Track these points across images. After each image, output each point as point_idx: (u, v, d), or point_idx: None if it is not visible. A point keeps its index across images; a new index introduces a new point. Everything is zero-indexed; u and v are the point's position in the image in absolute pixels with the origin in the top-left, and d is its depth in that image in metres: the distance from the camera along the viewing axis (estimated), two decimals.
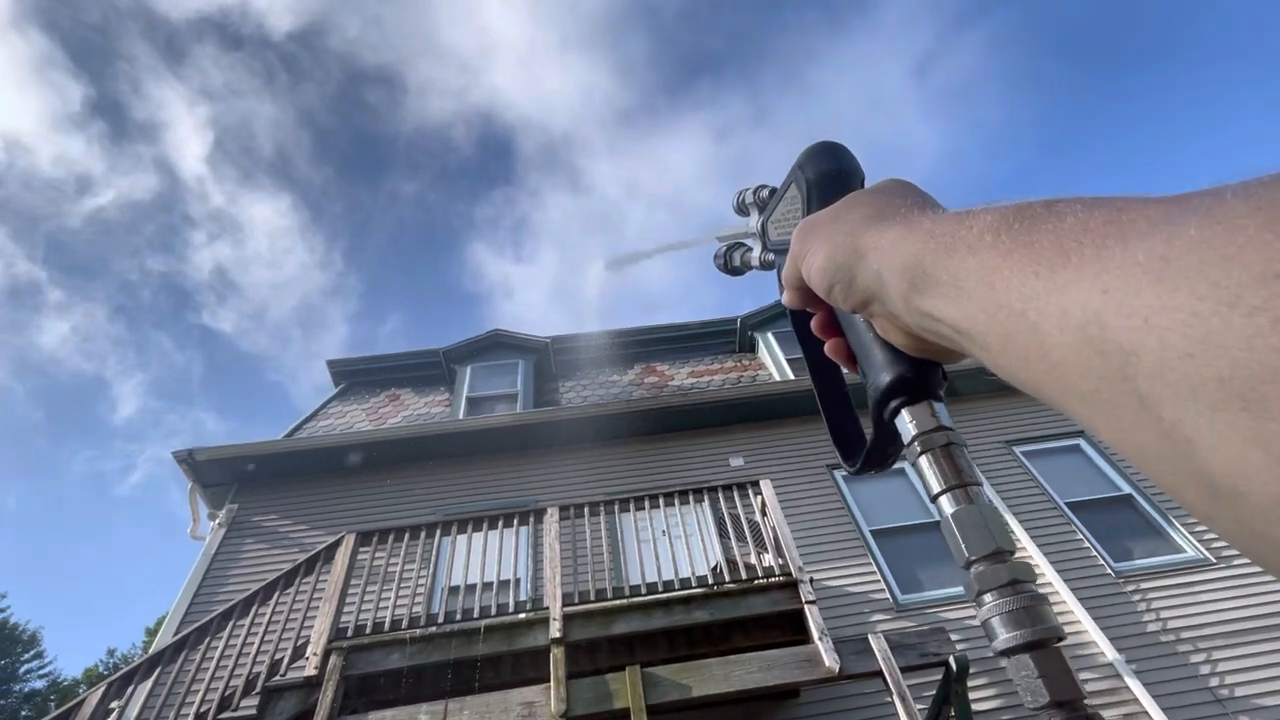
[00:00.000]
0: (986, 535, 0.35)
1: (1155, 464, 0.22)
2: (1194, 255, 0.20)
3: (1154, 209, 0.23)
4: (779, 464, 8.02)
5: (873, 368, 0.43)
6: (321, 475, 8.16)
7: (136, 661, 4.83)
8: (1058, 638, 0.32)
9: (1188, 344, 0.19)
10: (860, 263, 0.38)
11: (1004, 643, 0.32)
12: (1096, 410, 0.23)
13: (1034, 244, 0.26)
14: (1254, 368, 0.18)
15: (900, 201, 0.39)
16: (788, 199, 0.58)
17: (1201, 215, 0.20)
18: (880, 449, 0.46)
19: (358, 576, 5.54)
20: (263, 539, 7.60)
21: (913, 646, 4.85)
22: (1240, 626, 6.21)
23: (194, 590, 6.98)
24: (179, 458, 7.74)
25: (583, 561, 5.79)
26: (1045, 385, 0.26)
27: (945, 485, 0.38)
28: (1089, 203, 0.26)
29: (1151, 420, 0.21)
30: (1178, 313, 0.20)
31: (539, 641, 4.83)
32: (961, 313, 0.30)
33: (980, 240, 0.29)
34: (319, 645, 4.76)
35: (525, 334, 10.82)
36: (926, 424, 0.40)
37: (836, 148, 0.55)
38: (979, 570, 0.34)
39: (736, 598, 5.06)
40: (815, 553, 7.00)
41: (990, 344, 0.28)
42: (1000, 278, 0.27)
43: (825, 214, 0.44)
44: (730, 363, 10.85)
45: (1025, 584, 0.33)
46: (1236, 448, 0.18)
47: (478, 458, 8.35)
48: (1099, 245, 0.23)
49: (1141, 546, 7.02)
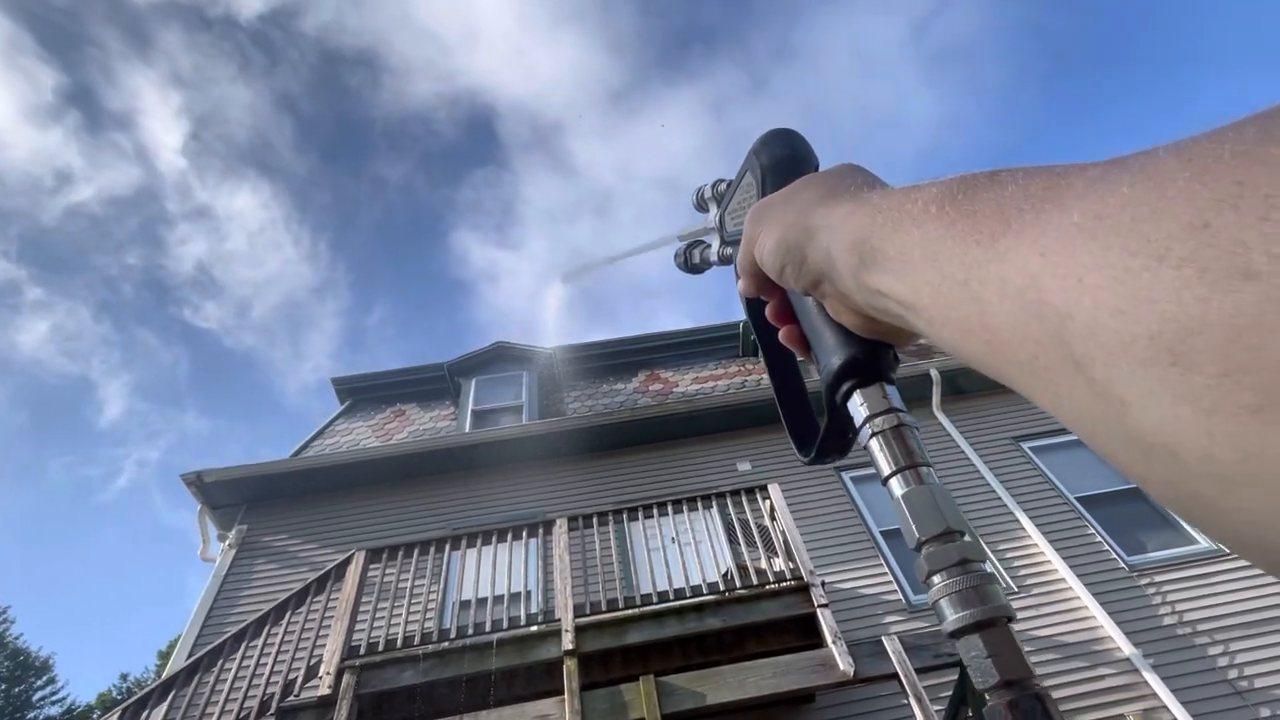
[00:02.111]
0: (937, 516, 0.34)
1: (1090, 428, 0.21)
2: (1127, 212, 0.20)
3: (1092, 171, 0.22)
4: (787, 468, 8.00)
5: (824, 351, 0.43)
6: (330, 493, 8.17)
7: (151, 686, 4.83)
8: (1007, 617, 0.32)
9: (1119, 300, 0.19)
10: (810, 241, 0.38)
11: (953, 623, 0.32)
12: (1034, 377, 0.23)
13: (976, 213, 0.26)
14: (1182, 320, 0.17)
15: (850, 181, 0.39)
16: (743, 188, 0.58)
17: (1135, 172, 0.20)
18: (834, 435, 0.46)
19: (369, 594, 5.54)
20: (273, 559, 7.61)
21: (927, 647, 4.82)
22: (1257, 617, 6.16)
23: (206, 612, 6.99)
24: (187, 480, 7.76)
25: (593, 572, 5.78)
26: (986, 356, 0.25)
27: (895, 467, 0.37)
28: (1030, 171, 0.26)
29: (1085, 383, 0.20)
30: (1110, 269, 0.19)
31: (552, 654, 4.81)
32: (908, 287, 0.29)
33: (925, 213, 0.29)
34: (332, 664, 4.76)
35: (528, 345, 10.85)
36: (878, 406, 0.40)
37: (790, 133, 0.55)
38: (929, 551, 0.34)
39: (749, 603, 5.04)
40: (826, 556, 6.98)
41: (935, 317, 0.28)
42: (943, 249, 0.27)
43: (777, 196, 0.44)
44: (734, 367, 10.85)
45: (975, 564, 0.33)
46: (1167, 404, 0.18)
47: (485, 471, 8.35)
48: (1038, 210, 0.23)
49: (1154, 539, 6.98)
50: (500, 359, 10.67)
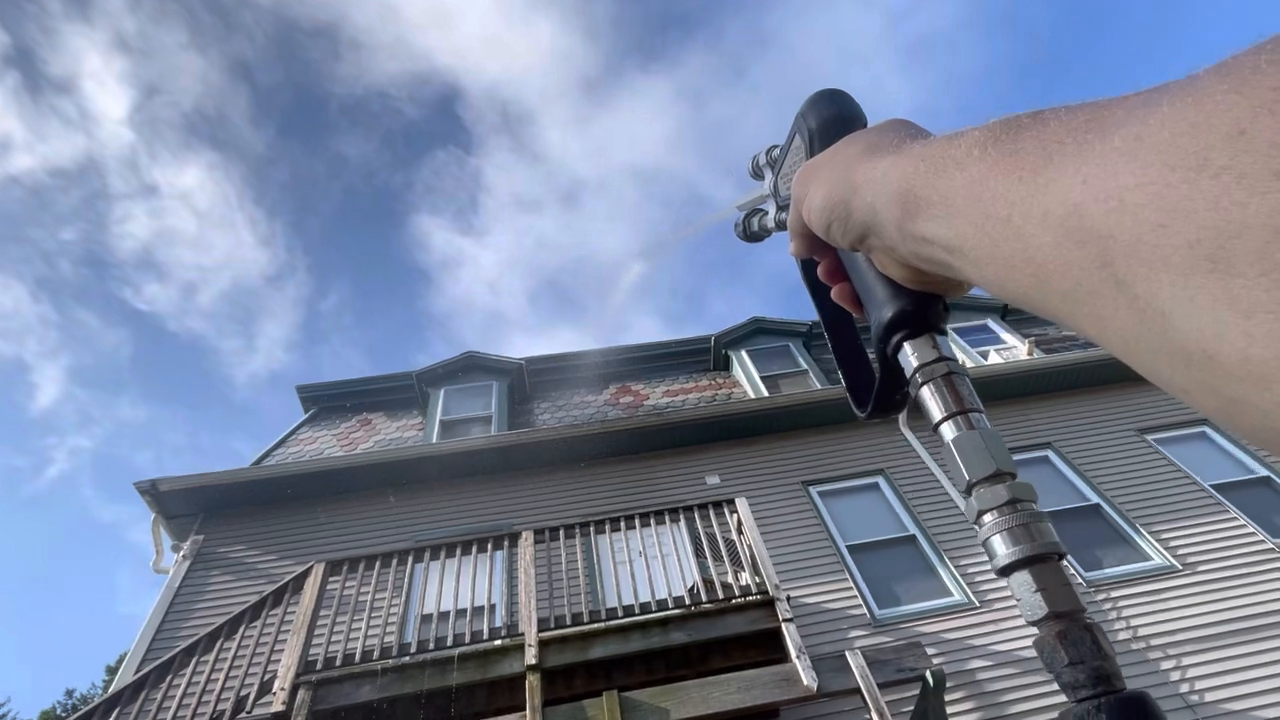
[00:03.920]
0: (987, 458, 0.35)
1: (1135, 347, 0.22)
2: (1166, 129, 0.20)
3: (1134, 99, 0.23)
4: (755, 481, 8.03)
5: (875, 305, 0.43)
6: (291, 504, 7.98)
7: (95, 703, 4.64)
8: (1058, 554, 0.32)
9: (1159, 215, 0.19)
10: (854, 196, 0.38)
11: (1004, 559, 0.32)
12: (1077, 304, 0.24)
13: (1019, 151, 0.26)
14: (1220, 226, 0.18)
15: (894, 135, 0.39)
16: (793, 151, 0.58)
17: (1174, 93, 0.20)
18: (888, 390, 0.46)
19: (327, 607, 5.40)
20: (229, 570, 7.39)
21: (889, 662, 4.86)
22: (1209, 632, 6.33)
23: (157, 626, 6.75)
24: (141, 489, 7.52)
25: (559, 585, 5.72)
26: (1031, 290, 0.26)
27: (946, 413, 0.38)
28: (1074, 107, 0.26)
29: (1127, 301, 0.21)
30: (1150, 186, 0.20)
31: (515, 669, 4.74)
32: (952, 230, 0.30)
33: (968, 156, 0.29)
34: (286, 679, 4.63)
35: (499, 356, 10.77)
36: (928, 356, 0.41)
37: (836, 93, 0.55)
38: (979, 492, 0.35)
39: (714, 618, 5.03)
40: (792, 570, 7.00)
41: (980, 257, 0.28)
42: (986, 189, 0.27)
43: (822, 156, 0.44)
44: (705, 381, 10.89)
45: (1026, 502, 0.33)
46: (1207, 310, 0.18)
47: (452, 482, 8.24)
48: (1080, 142, 0.23)
49: (1110, 555, 7.14)
50: (470, 369, 10.57)
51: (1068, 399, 8.91)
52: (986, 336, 10.79)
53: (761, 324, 11.11)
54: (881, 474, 8.13)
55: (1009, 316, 11.29)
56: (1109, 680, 0.29)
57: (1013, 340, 10.53)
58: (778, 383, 10.10)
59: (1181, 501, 7.54)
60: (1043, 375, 8.95)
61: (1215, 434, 8.32)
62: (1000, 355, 10.25)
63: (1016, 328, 10.98)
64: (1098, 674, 0.29)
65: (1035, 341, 10.27)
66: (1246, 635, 6.27)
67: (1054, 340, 10.76)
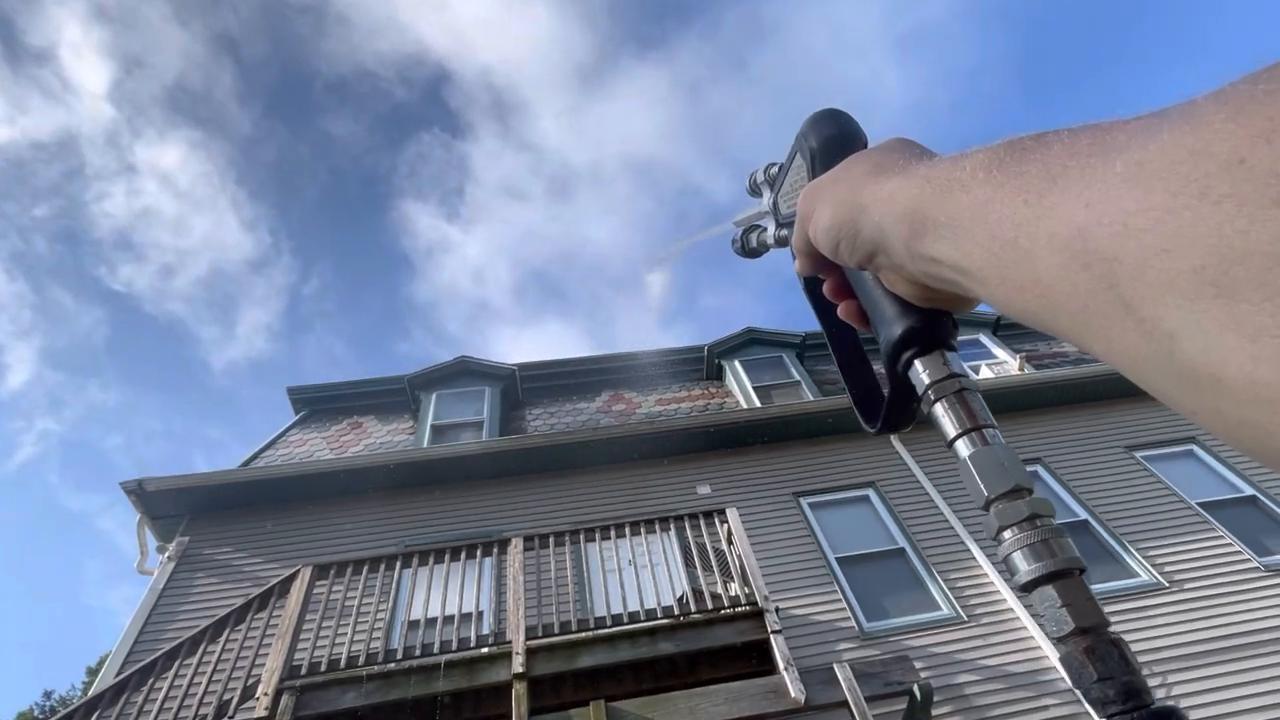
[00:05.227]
0: (1004, 474, 0.35)
1: (1142, 367, 0.22)
2: (1167, 156, 0.20)
3: (1135, 124, 0.23)
4: (746, 492, 8.03)
5: (884, 322, 0.43)
6: (279, 506, 7.92)
7: (74, 705, 4.58)
8: (1079, 568, 0.32)
9: (1163, 240, 0.20)
10: (862, 216, 0.39)
11: (1026, 575, 0.33)
12: (1085, 326, 0.24)
13: (1024, 174, 0.27)
14: (1224, 252, 0.18)
15: (899, 155, 0.40)
16: (794, 170, 0.59)
17: (1174, 119, 0.21)
18: (898, 405, 0.47)
19: (313, 611, 5.35)
20: (215, 573, 7.32)
21: (877, 675, 4.86)
22: (1194, 649, 6.35)
23: (140, 627, 6.67)
24: (127, 489, 7.45)
25: (547, 593, 5.69)
26: (1040, 311, 0.26)
27: (961, 429, 0.38)
28: (1076, 130, 0.26)
29: (1134, 324, 0.21)
30: (1153, 212, 0.20)
31: (501, 677, 4.71)
32: (960, 251, 0.30)
33: (973, 178, 0.30)
34: (270, 684, 4.58)
35: (492, 361, 10.76)
36: (939, 373, 0.41)
37: (836, 113, 0.55)
38: (999, 508, 0.35)
39: (702, 628, 5.02)
40: (781, 581, 6.99)
41: (988, 278, 0.29)
42: (992, 211, 0.28)
43: (828, 176, 0.45)
44: (698, 390, 10.90)
45: (1045, 518, 0.34)
46: (1214, 334, 0.19)
47: (442, 487, 8.20)
48: (1083, 166, 0.24)
49: (1098, 571, 7.16)
50: (463, 374, 10.55)
51: (1058, 415, 8.96)
52: (978, 351, 10.84)
53: (755, 334, 11.14)
54: (872, 486, 8.15)
55: (1000, 331, 11.36)
56: (1139, 695, 0.29)
57: (1004, 355, 10.59)
58: (770, 393, 10.12)
59: (1169, 519, 7.58)
60: (1033, 391, 9.00)
61: (1203, 452, 8.38)
62: (991, 370, 10.30)
63: (1008, 343, 11.05)
64: (1127, 689, 0.29)
65: (1026, 357, 10.34)
66: (1232, 653, 6.30)
67: (1045, 356, 10.83)
